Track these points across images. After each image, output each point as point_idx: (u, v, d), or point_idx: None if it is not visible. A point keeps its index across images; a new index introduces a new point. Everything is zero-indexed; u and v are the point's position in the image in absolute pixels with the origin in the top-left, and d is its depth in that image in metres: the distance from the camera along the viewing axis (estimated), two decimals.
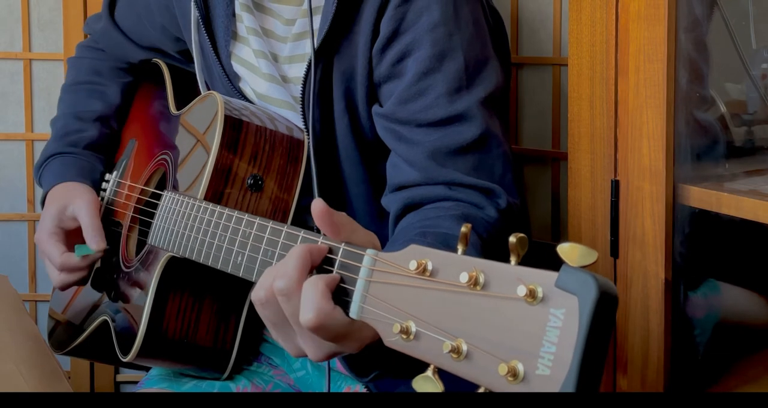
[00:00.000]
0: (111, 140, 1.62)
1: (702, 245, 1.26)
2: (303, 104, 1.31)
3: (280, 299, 0.90)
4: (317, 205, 0.89)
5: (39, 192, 2.09)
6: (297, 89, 1.33)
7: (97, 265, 1.50)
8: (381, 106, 1.29)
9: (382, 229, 1.31)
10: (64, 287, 1.46)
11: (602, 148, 1.28)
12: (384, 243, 1.16)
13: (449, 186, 1.23)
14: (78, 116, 1.60)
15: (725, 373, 1.32)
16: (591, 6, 1.28)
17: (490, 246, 1.16)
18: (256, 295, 0.93)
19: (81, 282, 1.47)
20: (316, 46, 1.27)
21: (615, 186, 1.26)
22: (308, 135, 1.33)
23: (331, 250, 0.90)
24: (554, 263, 0.69)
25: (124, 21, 1.64)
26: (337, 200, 1.35)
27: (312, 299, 0.87)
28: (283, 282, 0.89)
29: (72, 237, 1.46)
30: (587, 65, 1.29)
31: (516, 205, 1.24)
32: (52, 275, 1.45)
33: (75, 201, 1.45)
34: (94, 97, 1.62)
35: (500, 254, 0.74)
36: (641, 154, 1.22)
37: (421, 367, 0.77)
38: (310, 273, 0.90)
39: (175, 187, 1.34)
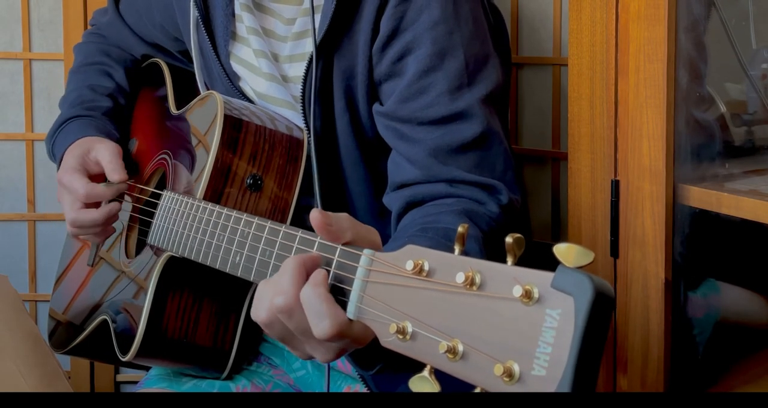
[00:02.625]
0: (123, 115, 1.62)
1: (702, 245, 1.26)
2: (303, 103, 1.31)
3: (282, 317, 0.90)
4: (314, 217, 0.89)
5: (39, 192, 2.10)
6: (297, 88, 1.33)
7: (99, 265, 1.50)
8: (381, 104, 1.29)
9: (384, 228, 1.31)
10: (80, 224, 1.42)
11: (602, 148, 1.27)
12: (385, 242, 1.16)
13: (451, 183, 1.23)
14: (92, 88, 1.60)
15: (725, 373, 1.32)
16: (591, 6, 1.28)
17: (491, 241, 1.16)
18: (258, 317, 0.93)
19: (97, 226, 1.42)
20: (316, 45, 1.27)
21: (615, 186, 1.26)
22: (309, 134, 1.33)
23: (328, 251, 0.90)
24: (554, 263, 0.69)
25: (128, 16, 1.64)
26: (338, 199, 1.35)
27: (320, 309, 0.86)
28: (281, 299, 0.89)
29: (93, 181, 1.44)
30: (587, 65, 1.29)
31: (517, 201, 1.24)
32: (71, 211, 1.42)
33: (97, 146, 1.45)
34: (104, 76, 1.62)
35: (502, 250, 0.73)
36: (641, 154, 1.22)
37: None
38: None
39: (174, 187, 1.34)
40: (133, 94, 1.65)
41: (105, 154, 1.43)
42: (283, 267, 0.90)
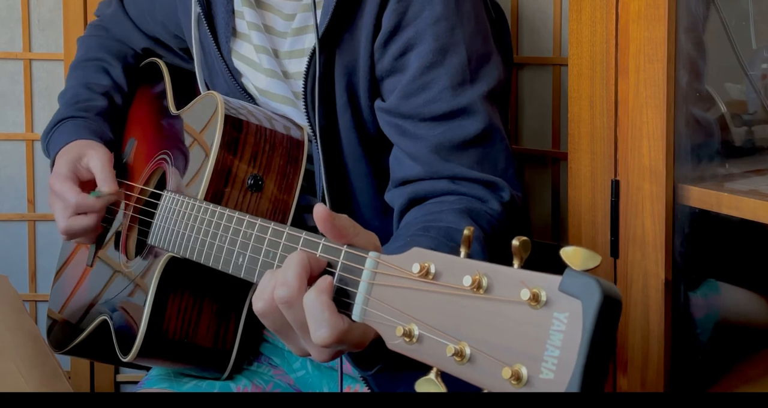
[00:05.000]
0: (118, 114, 1.62)
1: (702, 245, 1.26)
2: (305, 99, 1.31)
3: (282, 307, 0.90)
4: (319, 211, 0.89)
5: (39, 192, 2.10)
6: (298, 84, 1.33)
7: (99, 259, 1.50)
8: (383, 100, 1.29)
9: (386, 224, 1.31)
10: (72, 232, 1.45)
11: (602, 148, 1.28)
12: (389, 238, 1.16)
13: (453, 180, 1.23)
14: (88, 87, 1.61)
15: (725, 373, 1.33)
16: (591, 6, 1.28)
17: (493, 239, 1.16)
18: (256, 306, 0.93)
19: (89, 232, 1.46)
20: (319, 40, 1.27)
21: (615, 186, 1.26)
22: (310, 130, 1.33)
23: (333, 253, 0.90)
24: (554, 263, 0.69)
25: (131, 9, 1.65)
26: (341, 195, 1.35)
27: (322, 317, 0.86)
28: (284, 290, 0.88)
29: (84, 187, 1.46)
30: (587, 65, 1.29)
31: (519, 198, 1.24)
32: (62, 219, 1.44)
33: (89, 152, 1.47)
34: (102, 73, 1.63)
35: (504, 247, 0.73)
36: (641, 154, 1.22)
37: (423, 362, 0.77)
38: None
39: (175, 187, 1.34)
40: (131, 91, 1.65)
41: (96, 162, 1.45)
42: (288, 260, 0.90)
